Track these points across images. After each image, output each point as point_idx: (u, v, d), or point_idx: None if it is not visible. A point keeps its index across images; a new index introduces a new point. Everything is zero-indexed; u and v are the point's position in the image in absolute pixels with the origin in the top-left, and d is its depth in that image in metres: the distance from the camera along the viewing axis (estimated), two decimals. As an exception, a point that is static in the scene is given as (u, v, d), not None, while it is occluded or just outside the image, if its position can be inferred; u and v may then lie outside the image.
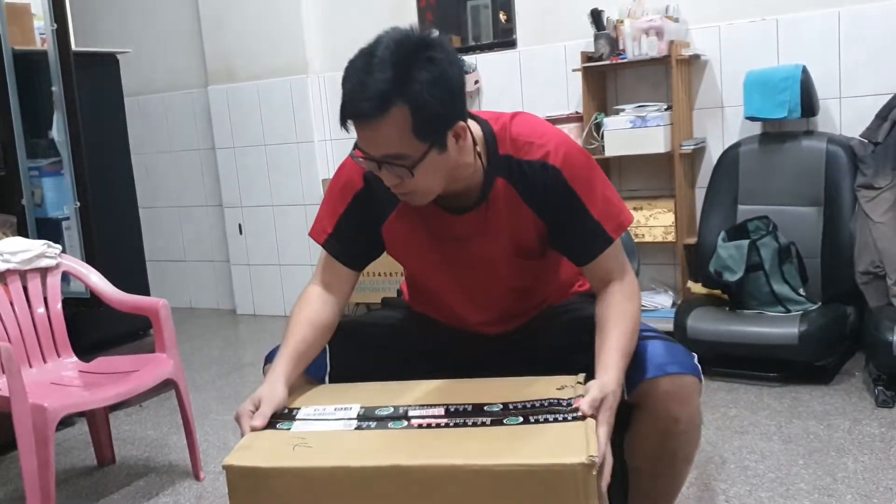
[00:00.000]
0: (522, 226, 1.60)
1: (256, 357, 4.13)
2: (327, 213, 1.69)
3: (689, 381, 1.52)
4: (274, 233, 4.97)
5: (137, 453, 3.01)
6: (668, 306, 3.78)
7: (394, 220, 1.64)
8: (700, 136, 3.82)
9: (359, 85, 1.38)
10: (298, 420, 1.41)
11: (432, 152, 1.42)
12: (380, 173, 1.47)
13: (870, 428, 2.70)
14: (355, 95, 1.38)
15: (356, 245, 1.69)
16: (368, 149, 1.44)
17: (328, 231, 1.69)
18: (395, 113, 1.37)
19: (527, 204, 1.58)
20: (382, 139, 1.40)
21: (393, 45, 1.40)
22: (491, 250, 1.62)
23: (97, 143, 3.45)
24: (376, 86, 1.36)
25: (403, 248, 1.70)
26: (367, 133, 1.41)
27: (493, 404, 1.38)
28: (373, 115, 1.37)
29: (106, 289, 2.77)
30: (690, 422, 1.55)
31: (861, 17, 3.45)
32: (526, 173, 1.56)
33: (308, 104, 4.70)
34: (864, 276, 3.17)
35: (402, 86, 1.36)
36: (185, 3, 5.08)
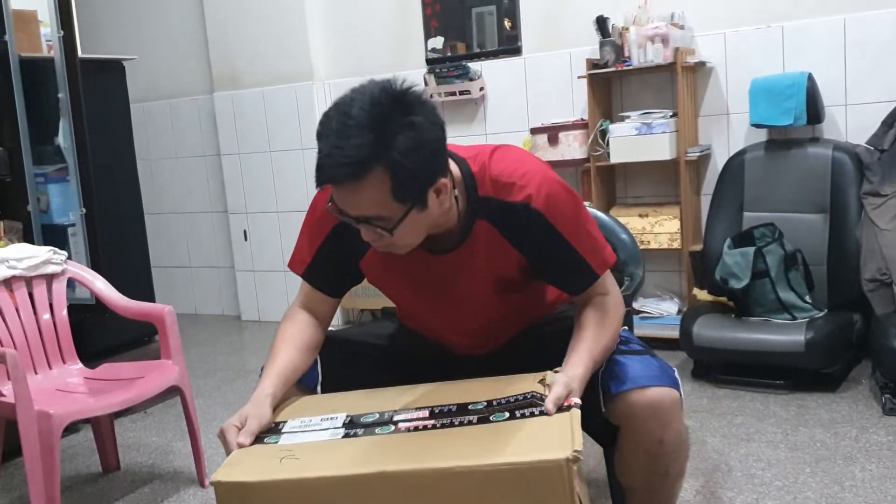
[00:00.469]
0: (504, 263, 1.58)
1: (261, 364, 4.11)
2: (305, 245, 1.68)
3: (666, 398, 1.50)
4: (279, 239, 4.97)
5: (142, 460, 3.01)
6: (674, 313, 3.77)
7: (372, 255, 1.61)
8: (705, 142, 3.82)
9: (335, 149, 1.32)
10: (285, 433, 1.41)
11: (412, 212, 1.40)
12: (358, 227, 1.43)
13: (877, 436, 2.69)
14: (332, 160, 1.33)
15: (335, 276, 1.69)
16: (346, 208, 1.40)
17: (306, 262, 1.68)
18: (373, 177, 1.33)
19: (509, 242, 1.56)
20: (362, 202, 1.37)
21: (368, 106, 1.33)
22: (472, 287, 1.61)
23: (103, 149, 3.46)
24: (354, 151, 1.31)
25: (383, 282, 1.70)
26: (345, 195, 1.38)
27: (477, 402, 1.39)
28: (351, 180, 1.33)
29: (111, 295, 2.78)
30: (675, 441, 1.54)
31: (867, 25, 3.45)
32: (507, 214, 1.53)
33: (313, 111, 4.71)
34: (871, 283, 3.16)
35: (380, 151, 1.31)
36: (191, 10, 5.09)
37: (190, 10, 5.10)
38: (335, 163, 1.32)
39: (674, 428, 1.52)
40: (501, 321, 1.71)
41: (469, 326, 1.69)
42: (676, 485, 1.67)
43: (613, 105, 3.97)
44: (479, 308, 1.65)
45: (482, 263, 1.58)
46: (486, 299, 1.63)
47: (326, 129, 1.35)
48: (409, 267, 1.60)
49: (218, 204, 5.27)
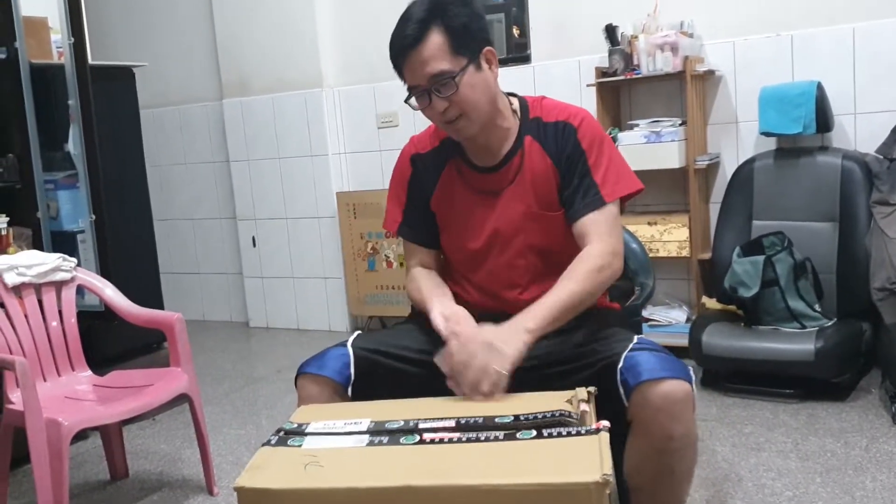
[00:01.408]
0: (545, 176, 1.79)
1: (269, 370, 4.14)
2: (394, 205, 1.94)
3: (680, 390, 1.51)
4: (287, 246, 4.98)
5: (151, 467, 3.01)
6: (683, 321, 3.77)
7: (439, 188, 1.87)
8: (714, 151, 3.82)
9: (402, 26, 1.67)
10: (309, 435, 1.40)
11: (470, 67, 1.68)
12: (430, 109, 1.71)
13: (887, 446, 2.68)
14: (400, 31, 1.67)
15: (424, 224, 1.91)
16: (417, 79, 1.68)
17: (398, 220, 1.93)
18: (433, 35, 1.65)
19: (548, 155, 1.79)
20: (426, 60, 1.65)
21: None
22: (519, 199, 1.80)
23: (113, 155, 3.47)
24: (415, 17, 1.65)
25: (445, 208, 1.88)
26: (414, 60, 1.67)
27: (504, 416, 1.38)
28: (416, 39, 1.64)
29: (121, 302, 2.78)
30: (685, 437, 1.56)
31: (876, 34, 3.44)
32: (549, 131, 1.80)
33: (322, 117, 4.72)
34: (880, 292, 3.15)
35: (435, 12, 1.65)
36: (201, 17, 5.11)
37: (200, 17, 5.12)
38: (402, 31, 1.67)
39: (685, 423, 1.54)
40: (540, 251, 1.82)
41: (511, 249, 1.82)
42: (682, 487, 1.67)
43: (622, 113, 3.97)
44: (522, 224, 1.81)
45: (527, 173, 1.80)
46: (528, 215, 1.80)
47: (396, 26, 1.69)
48: (466, 186, 1.85)
49: (227, 210, 5.28)
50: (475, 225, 1.84)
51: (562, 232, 1.81)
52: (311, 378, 1.68)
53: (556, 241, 1.82)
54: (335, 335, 4.41)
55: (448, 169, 1.87)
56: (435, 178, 1.88)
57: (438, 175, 1.88)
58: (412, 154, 1.91)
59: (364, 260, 4.62)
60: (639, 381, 1.52)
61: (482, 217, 1.83)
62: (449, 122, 1.73)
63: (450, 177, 1.87)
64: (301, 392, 1.69)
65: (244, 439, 3.22)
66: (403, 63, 1.69)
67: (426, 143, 1.91)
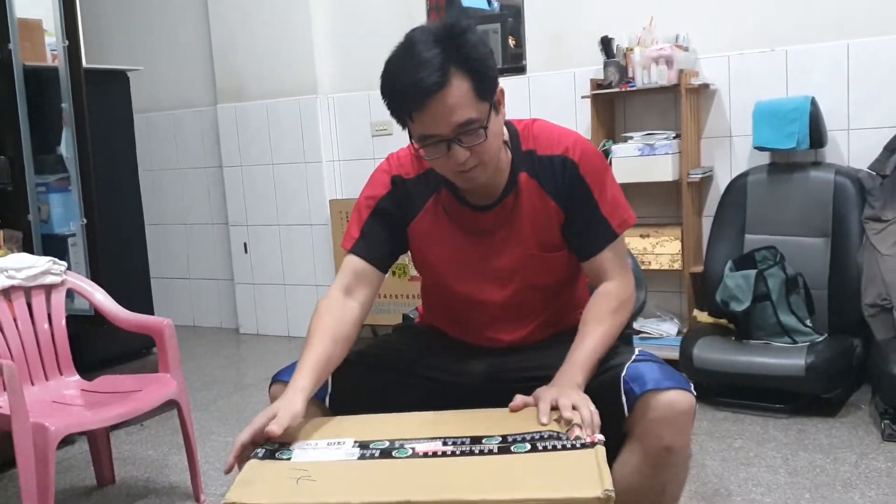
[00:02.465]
0: (545, 216, 1.69)
1: (259, 378, 4.12)
2: (354, 223, 1.77)
3: (684, 401, 1.51)
4: (279, 252, 4.97)
5: (138, 473, 2.99)
6: (674, 334, 3.76)
7: (421, 218, 1.74)
8: (708, 164, 3.82)
9: (415, 69, 1.47)
10: (297, 448, 1.37)
11: (492, 113, 1.54)
12: (447, 159, 1.54)
13: (876, 462, 2.68)
14: (416, 77, 1.46)
15: (381, 244, 1.74)
16: (439, 127, 1.50)
17: (355, 236, 1.75)
18: (455, 80, 1.48)
19: (548, 194, 1.68)
20: (453, 108, 1.49)
21: (428, 35, 1.51)
22: (515, 241, 1.70)
23: (105, 159, 3.45)
24: (433, 61, 1.46)
25: (429, 244, 1.75)
26: (437, 108, 1.48)
27: (491, 437, 1.35)
28: (440, 86, 1.46)
29: (111, 307, 2.76)
30: (681, 451, 1.54)
31: (870, 50, 3.46)
32: (546, 167, 1.68)
33: (317, 125, 4.71)
34: (872, 308, 3.15)
35: (452, 54, 1.48)
36: (197, 22, 5.11)
37: (196, 23, 5.11)
38: (419, 79, 1.46)
39: (684, 436, 1.53)
40: (532, 291, 1.74)
41: (502, 291, 1.73)
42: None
43: (617, 125, 3.97)
44: (516, 266, 1.71)
45: (525, 217, 1.69)
46: (526, 256, 1.71)
47: (398, 66, 1.51)
48: (455, 224, 1.72)
49: (219, 216, 5.27)
50: (465, 266, 1.74)
51: (561, 269, 1.76)
52: (285, 385, 1.60)
53: (555, 279, 1.77)
54: (326, 343, 4.40)
55: (434, 201, 1.73)
56: (418, 206, 1.74)
57: (423, 205, 1.73)
58: (393, 175, 1.75)
59: (356, 268, 4.60)
60: (644, 390, 1.51)
61: (474, 258, 1.73)
62: (463, 172, 1.57)
63: (435, 210, 1.73)
64: (272, 401, 1.61)
65: (232, 446, 3.19)
66: (421, 111, 1.49)
67: (409, 167, 1.75)
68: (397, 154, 1.80)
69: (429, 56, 1.47)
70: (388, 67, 1.54)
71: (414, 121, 1.52)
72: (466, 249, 1.73)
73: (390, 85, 1.53)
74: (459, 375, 1.75)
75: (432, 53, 1.47)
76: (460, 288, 1.76)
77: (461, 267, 1.74)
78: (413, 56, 1.49)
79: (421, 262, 1.81)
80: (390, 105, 1.55)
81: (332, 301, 1.70)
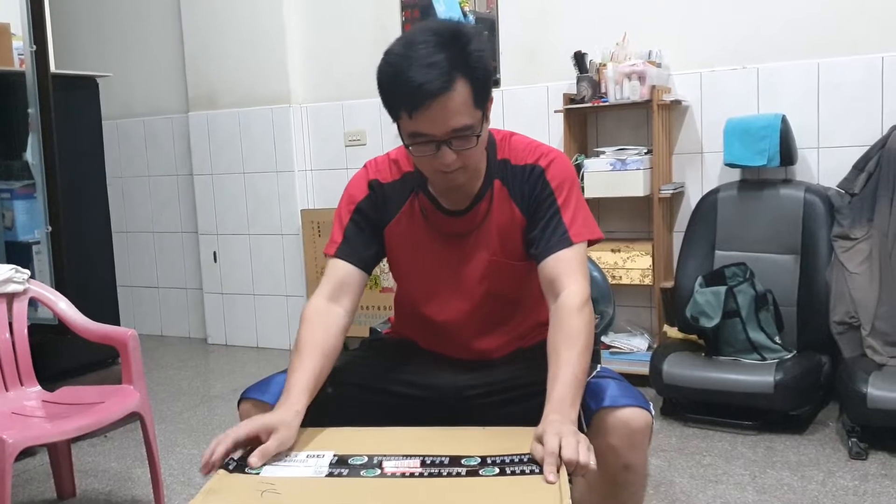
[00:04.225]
0: (510, 224, 1.70)
1: (226, 389, 4.07)
2: (336, 229, 1.77)
3: (641, 419, 1.50)
4: (249, 262, 4.92)
5: (99, 486, 2.93)
6: (644, 350, 3.76)
7: (397, 221, 1.75)
8: (679, 180, 3.84)
9: (421, 70, 1.47)
10: (267, 465, 1.36)
11: (484, 122, 1.58)
12: (434, 159, 1.55)
13: (843, 480, 2.69)
14: (422, 79, 1.47)
15: (364, 246, 1.74)
16: (435, 129, 1.51)
17: (337, 241, 1.74)
18: (459, 85, 1.49)
19: (514, 201, 1.70)
20: (452, 113, 1.50)
21: (434, 34, 1.51)
22: (483, 246, 1.72)
23: (72, 166, 3.40)
24: (439, 65, 1.47)
25: (402, 246, 1.77)
26: (437, 111, 1.49)
27: (470, 457, 1.35)
28: (444, 91, 1.47)
29: (74, 316, 2.71)
30: (639, 469, 1.54)
31: (839, 70, 3.49)
32: (517, 175, 1.70)
33: (290, 134, 4.68)
34: (840, 326, 3.18)
35: (459, 61, 1.49)
36: (169, 29, 5.06)
37: (168, 30, 5.07)
38: (426, 79, 1.46)
39: (642, 454, 1.52)
40: (503, 299, 1.76)
41: (473, 296, 1.74)
42: None
43: (589, 140, 3.98)
44: (486, 272, 1.72)
45: (493, 220, 1.71)
46: (490, 262, 1.72)
47: (400, 62, 1.50)
48: (429, 227, 1.74)
49: (189, 224, 5.21)
50: (436, 268, 1.75)
51: (525, 280, 1.75)
52: (254, 404, 1.61)
53: (519, 289, 1.77)
54: (295, 354, 4.35)
55: (410, 204, 1.75)
56: (395, 209, 1.75)
57: (399, 208, 1.75)
58: (371, 179, 1.77)
59: (327, 279, 4.57)
60: (601, 406, 1.50)
61: (445, 261, 1.74)
62: (446, 173, 1.59)
63: (411, 213, 1.75)
64: (243, 419, 1.61)
65: (197, 459, 3.15)
66: (421, 110, 1.49)
67: (386, 172, 1.77)
68: (375, 160, 1.82)
69: (436, 59, 1.47)
70: (390, 61, 1.52)
71: (411, 119, 1.52)
72: (438, 253, 1.74)
73: (392, 80, 1.52)
74: (427, 390, 1.73)
75: (439, 57, 1.47)
76: (430, 291, 1.77)
77: (432, 269, 1.75)
78: (420, 56, 1.48)
79: (395, 265, 1.82)
80: (388, 99, 1.55)
81: (319, 310, 1.67)
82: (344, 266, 1.71)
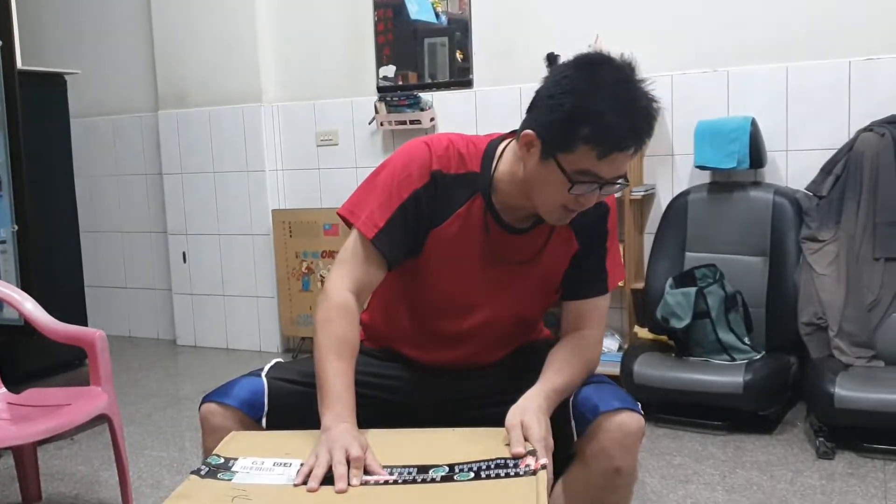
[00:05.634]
0: (563, 253, 1.66)
1: (195, 391, 4.03)
2: (380, 205, 1.57)
3: (634, 422, 1.50)
4: (219, 262, 4.88)
5: (66, 490, 2.89)
6: (615, 350, 3.78)
7: (448, 224, 1.61)
8: (650, 182, 3.86)
9: (646, 117, 1.44)
10: (238, 472, 1.34)
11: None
12: (583, 198, 1.49)
13: (811, 480, 2.72)
14: (636, 127, 1.43)
15: (401, 244, 1.60)
16: (612, 172, 1.46)
17: (379, 225, 1.57)
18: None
19: (573, 231, 1.65)
20: (631, 160, 1.49)
21: (633, 77, 1.46)
22: (526, 273, 1.66)
23: (39, 164, 3.35)
24: (650, 119, 1.45)
25: (445, 252, 1.62)
26: (625, 159, 1.46)
27: (438, 467, 1.33)
28: (648, 136, 1.47)
29: (40, 317, 2.66)
30: (630, 474, 1.54)
31: (808, 74, 3.54)
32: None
33: (260, 133, 4.65)
34: (807, 327, 3.21)
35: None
36: (139, 26, 5.00)
37: (138, 27, 5.01)
38: (640, 133, 1.43)
39: (633, 458, 1.52)
40: (515, 322, 1.73)
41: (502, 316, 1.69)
42: None
43: (561, 141, 3.98)
44: (524, 296, 1.69)
45: (549, 248, 1.65)
46: (537, 289, 1.69)
47: (613, 104, 1.41)
48: (485, 241, 1.62)
49: (157, 224, 5.15)
50: (476, 284, 1.65)
51: (548, 304, 1.75)
52: (216, 406, 1.56)
53: (541, 312, 1.79)
54: (266, 356, 4.33)
55: (468, 208, 1.60)
56: (449, 209, 1.59)
57: (454, 209, 1.60)
58: (435, 168, 1.58)
59: (298, 279, 4.55)
60: (597, 414, 1.49)
61: (488, 279, 1.65)
62: (572, 211, 1.53)
63: (467, 218, 1.60)
64: (204, 423, 1.56)
65: (166, 462, 3.12)
66: (623, 151, 1.43)
67: (450, 162, 1.60)
68: (438, 140, 1.62)
69: (648, 111, 1.44)
70: (591, 92, 1.42)
71: (597, 159, 1.42)
72: (486, 270, 1.64)
73: (595, 115, 1.40)
74: (409, 396, 1.72)
75: (650, 110, 1.45)
76: (457, 304, 1.67)
77: (471, 284, 1.65)
78: (630, 99, 1.43)
79: (424, 267, 1.65)
80: (574, 129, 1.42)
81: (348, 306, 1.55)
82: (377, 264, 1.58)
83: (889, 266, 3.19)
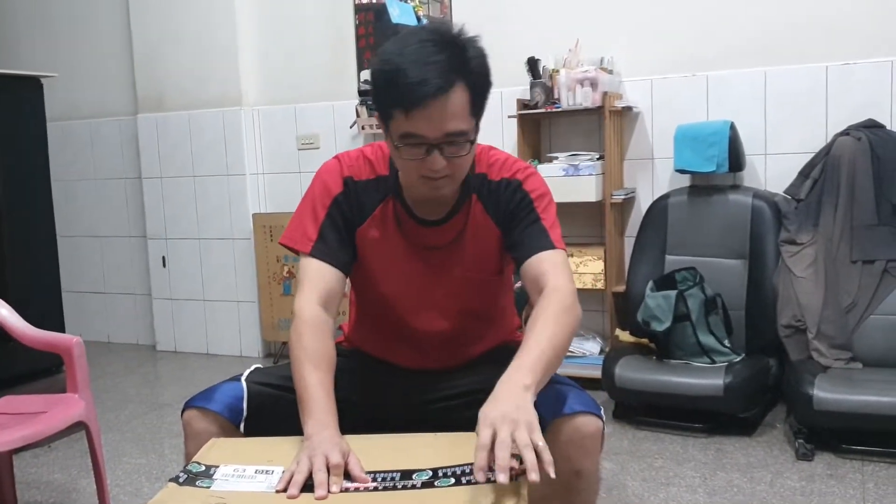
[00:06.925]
0: (486, 239, 1.68)
1: (175, 397, 4.00)
2: (309, 221, 1.67)
3: (592, 425, 1.49)
4: (199, 267, 4.85)
5: (42, 498, 2.85)
6: (596, 353, 3.79)
7: (369, 224, 1.69)
8: (630, 186, 3.88)
9: (423, 68, 1.44)
10: (218, 479, 1.33)
11: (477, 131, 1.55)
12: (423, 160, 1.50)
13: (791, 481, 2.73)
14: (424, 76, 1.43)
15: (341, 247, 1.67)
16: (430, 130, 1.47)
17: (313, 238, 1.65)
18: (458, 90, 1.47)
19: (490, 216, 1.67)
20: (448, 115, 1.47)
21: (433, 33, 1.50)
22: (456, 261, 1.69)
23: (15, 168, 3.33)
24: (441, 65, 1.44)
25: (374, 253, 1.70)
26: (434, 111, 1.46)
27: (422, 471, 1.32)
28: (444, 91, 1.44)
29: (16, 323, 2.63)
30: (591, 475, 1.54)
31: (786, 78, 3.56)
32: (494, 191, 1.67)
33: (241, 137, 4.62)
34: (787, 329, 3.23)
35: (459, 64, 1.47)
36: (118, 28, 4.97)
37: (116, 29, 4.97)
38: (427, 80, 1.43)
39: (593, 460, 1.52)
40: (474, 315, 1.75)
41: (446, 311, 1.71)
42: None
43: (542, 145, 4.00)
44: (459, 288, 1.70)
45: (468, 235, 1.68)
46: (468, 279, 1.70)
47: (399, 59, 1.46)
48: (402, 237, 1.69)
49: (137, 228, 5.12)
50: (409, 279, 1.70)
51: (496, 295, 1.76)
52: (198, 412, 1.57)
53: (490, 305, 1.77)
54: (247, 360, 4.31)
55: (382, 209, 1.68)
56: (366, 212, 1.68)
57: (370, 211, 1.68)
58: (346, 175, 1.68)
59: (279, 284, 4.53)
60: (553, 416, 1.49)
61: (418, 273, 1.70)
62: (432, 179, 1.54)
63: (383, 218, 1.68)
64: (186, 428, 1.58)
65: (145, 469, 3.09)
66: (419, 109, 1.45)
67: (361, 169, 1.70)
68: (347, 154, 1.74)
69: (437, 59, 1.45)
70: (388, 58, 1.48)
71: (406, 118, 1.47)
72: (412, 264, 1.70)
73: (390, 77, 1.46)
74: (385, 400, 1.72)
75: (440, 58, 1.45)
76: (403, 302, 1.72)
77: (406, 280, 1.70)
78: (420, 54, 1.45)
79: (364, 271, 1.73)
80: (383, 96, 1.50)
81: (318, 320, 1.59)
82: (328, 270, 1.64)
83: (866, 268, 3.21)
